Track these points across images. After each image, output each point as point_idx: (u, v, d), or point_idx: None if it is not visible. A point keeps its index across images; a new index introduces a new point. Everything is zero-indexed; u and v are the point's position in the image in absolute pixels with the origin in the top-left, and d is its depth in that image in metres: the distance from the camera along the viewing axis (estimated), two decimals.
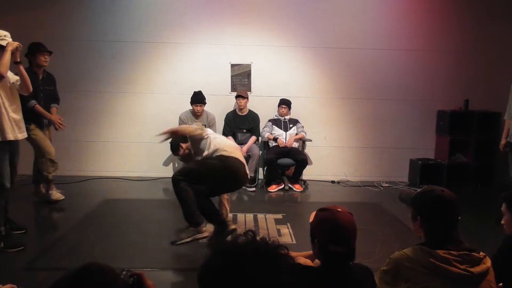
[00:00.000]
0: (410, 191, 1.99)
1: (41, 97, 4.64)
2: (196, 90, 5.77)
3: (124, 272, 1.14)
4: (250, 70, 6.25)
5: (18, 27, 5.71)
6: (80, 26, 6.04)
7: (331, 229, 1.65)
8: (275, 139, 5.89)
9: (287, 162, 5.80)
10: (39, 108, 4.56)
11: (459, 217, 1.74)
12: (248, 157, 5.81)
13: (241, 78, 6.26)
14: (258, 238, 1.01)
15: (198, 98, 5.72)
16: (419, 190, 1.87)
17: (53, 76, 4.85)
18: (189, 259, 3.47)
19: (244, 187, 5.74)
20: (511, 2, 6.25)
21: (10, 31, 3.57)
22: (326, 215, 1.69)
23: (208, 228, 3.80)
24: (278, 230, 4.19)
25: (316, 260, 1.81)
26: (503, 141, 4.86)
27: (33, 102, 4.51)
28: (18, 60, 3.60)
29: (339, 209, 1.68)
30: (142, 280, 1.15)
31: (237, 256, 0.96)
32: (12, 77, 3.68)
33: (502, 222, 2.14)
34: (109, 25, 6.07)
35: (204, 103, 5.77)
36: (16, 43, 3.52)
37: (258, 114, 6.06)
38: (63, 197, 4.92)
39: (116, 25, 6.07)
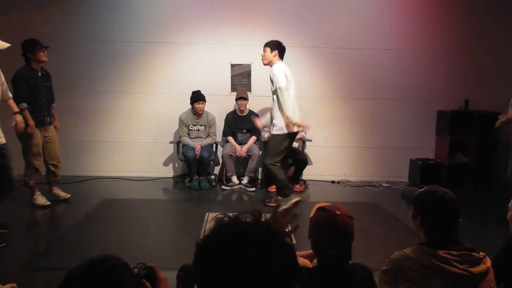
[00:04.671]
0: (414, 188, 1.97)
1: (42, 94, 4.60)
2: (195, 90, 5.78)
3: (139, 265, 1.22)
4: (250, 70, 6.24)
5: (18, 27, 5.72)
6: (80, 26, 6.03)
7: (327, 232, 1.65)
8: None
9: None
10: (27, 113, 4.38)
11: (460, 219, 1.74)
12: (248, 157, 5.82)
13: (241, 78, 6.26)
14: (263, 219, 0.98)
15: (199, 96, 5.73)
16: (421, 190, 1.85)
17: (48, 72, 4.80)
18: (190, 259, 3.46)
19: (244, 187, 5.75)
20: (510, 2, 6.25)
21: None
22: (323, 217, 1.68)
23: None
24: None
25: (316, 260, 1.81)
26: (503, 118, 4.55)
27: (24, 105, 4.37)
28: None
29: (337, 212, 1.66)
30: (154, 272, 1.23)
31: (239, 232, 0.94)
32: None
33: (508, 217, 2.11)
34: (109, 25, 6.06)
35: (205, 101, 5.77)
36: None
37: (259, 114, 6.06)
38: (49, 203, 4.71)
39: (116, 25, 6.07)
